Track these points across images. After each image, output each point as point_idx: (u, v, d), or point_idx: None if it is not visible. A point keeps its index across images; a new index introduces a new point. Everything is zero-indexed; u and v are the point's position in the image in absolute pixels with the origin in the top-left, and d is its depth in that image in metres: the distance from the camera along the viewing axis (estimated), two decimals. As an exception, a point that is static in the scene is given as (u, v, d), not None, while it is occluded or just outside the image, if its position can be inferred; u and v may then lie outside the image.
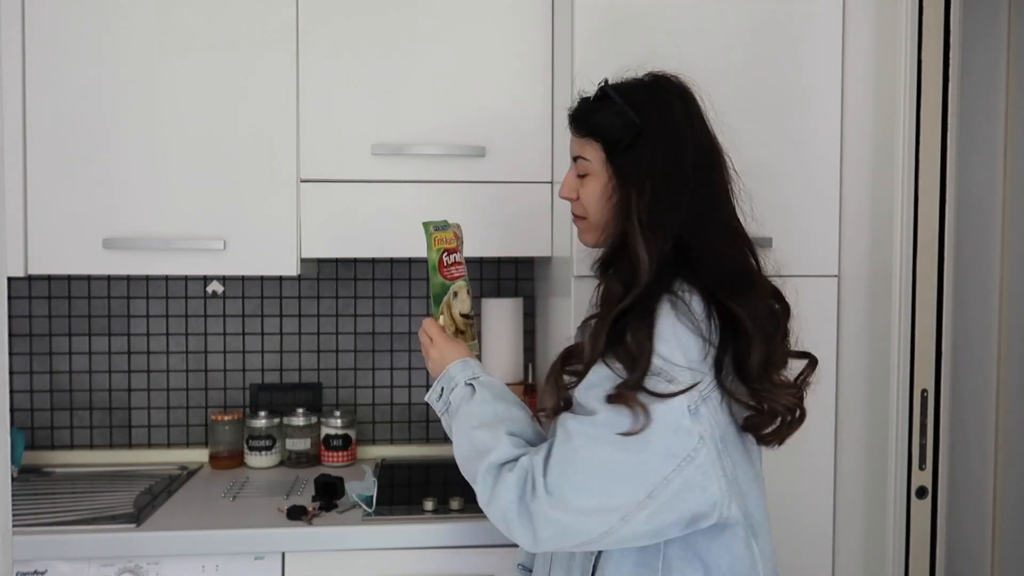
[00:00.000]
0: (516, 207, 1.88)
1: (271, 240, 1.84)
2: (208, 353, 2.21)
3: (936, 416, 1.68)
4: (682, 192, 1.12)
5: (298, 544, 1.66)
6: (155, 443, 2.20)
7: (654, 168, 1.13)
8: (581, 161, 1.21)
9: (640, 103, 1.16)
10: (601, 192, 1.18)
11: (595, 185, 1.19)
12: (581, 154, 1.21)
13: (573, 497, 1.01)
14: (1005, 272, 1.92)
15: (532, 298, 2.25)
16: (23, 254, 1.79)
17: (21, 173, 1.79)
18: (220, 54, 1.82)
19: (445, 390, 1.24)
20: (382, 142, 1.85)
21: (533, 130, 1.87)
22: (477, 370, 1.24)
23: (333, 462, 2.12)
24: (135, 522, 1.67)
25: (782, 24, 1.69)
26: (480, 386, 1.21)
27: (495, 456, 1.08)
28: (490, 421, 1.14)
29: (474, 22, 1.86)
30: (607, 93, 1.19)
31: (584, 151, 1.21)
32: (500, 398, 1.19)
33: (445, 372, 1.25)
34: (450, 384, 1.23)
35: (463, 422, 1.17)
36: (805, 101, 1.69)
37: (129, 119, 1.81)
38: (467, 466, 1.14)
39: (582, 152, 1.21)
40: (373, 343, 2.25)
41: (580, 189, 1.22)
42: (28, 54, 1.79)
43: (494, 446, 1.09)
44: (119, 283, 2.18)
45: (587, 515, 1.01)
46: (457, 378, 1.23)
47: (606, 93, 1.19)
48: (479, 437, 1.13)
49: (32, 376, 2.16)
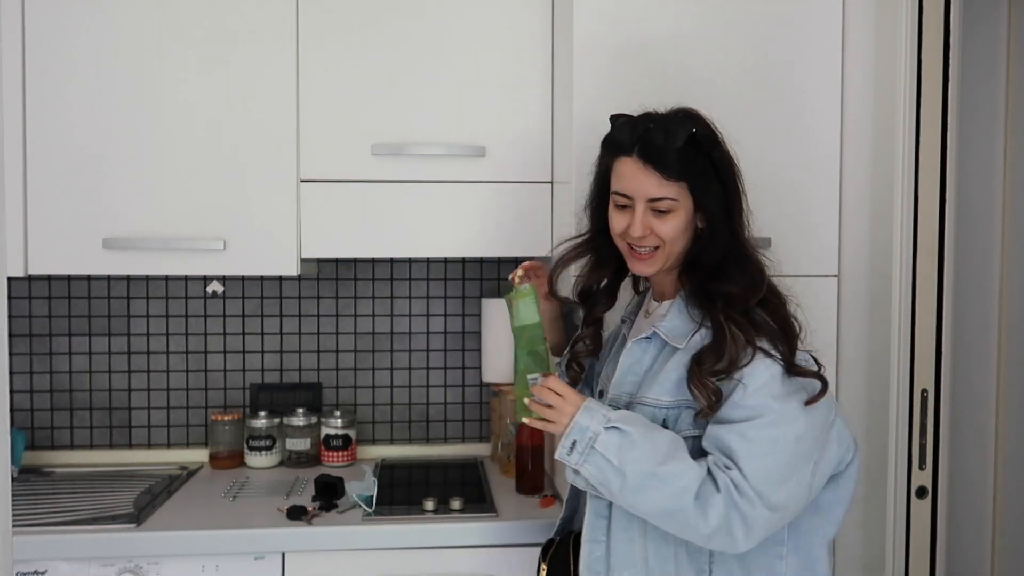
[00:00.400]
0: (516, 207, 1.88)
1: (271, 240, 1.84)
2: (208, 353, 2.20)
3: (936, 416, 1.68)
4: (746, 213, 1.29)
5: (298, 544, 1.66)
6: (155, 443, 2.20)
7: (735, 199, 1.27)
8: (666, 201, 1.24)
9: (712, 144, 1.26)
10: (686, 225, 1.26)
11: (678, 220, 1.25)
12: (665, 195, 1.24)
13: (784, 499, 1.15)
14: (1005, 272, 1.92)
15: (532, 298, 2.25)
16: (23, 254, 1.79)
17: (21, 173, 1.79)
18: (220, 54, 1.82)
19: (579, 443, 1.18)
20: (382, 142, 1.85)
21: (533, 130, 1.87)
22: (601, 409, 1.21)
23: (333, 462, 2.12)
24: (135, 522, 1.67)
25: (782, 24, 1.69)
26: (622, 424, 1.18)
27: (692, 485, 1.14)
28: (665, 451, 1.16)
29: (474, 22, 1.86)
30: (696, 139, 1.24)
31: (669, 191, 1.24)
32: (647, 425, 1.20)
33: (573, 424, 1.19)
34: (585, 436, 1.18)
35: (640, 466, 1.15)
36: (805, 101, 1.69)
37: (129, 119, 1.81)
38: (672, 503, 1.14)
39: (667, 193, 1.24)
40: (373, 343, 2.25)
41: (657, 226, 1.26)
42: (28, 54, 1.79)
43: (685, 472, 1.15)
44: (119, 283, 2.18)
45: (792, 503, 1.17)
46: (591, 427, 1.18)
47: (694, 139, 1.23)
48: (669, 473, 1.14)
49: (32, 376, 2.16)
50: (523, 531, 1.70)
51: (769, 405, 1.16)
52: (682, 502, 1.13)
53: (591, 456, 1.17)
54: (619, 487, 1.16)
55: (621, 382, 1.30)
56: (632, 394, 1.28)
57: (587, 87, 1.66)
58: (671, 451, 1.16)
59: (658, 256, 1.28)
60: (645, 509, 1.17)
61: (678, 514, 1.14)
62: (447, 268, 2.26)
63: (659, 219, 1.25)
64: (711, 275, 1.26)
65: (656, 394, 1.24)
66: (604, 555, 1.26)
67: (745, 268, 1.24)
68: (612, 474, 1.16)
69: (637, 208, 1.26)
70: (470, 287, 2.26)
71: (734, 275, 1.24)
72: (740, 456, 1.14)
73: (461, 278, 2.26)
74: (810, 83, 1.69)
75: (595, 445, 1.17)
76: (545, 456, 1.92)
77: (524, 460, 1.87)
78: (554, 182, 1.87)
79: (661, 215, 1.25)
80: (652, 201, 1.25)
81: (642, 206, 1.25)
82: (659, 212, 1.25)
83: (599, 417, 1.19)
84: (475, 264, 2.26)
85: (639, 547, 1.24)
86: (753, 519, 1.13)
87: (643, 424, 1.20)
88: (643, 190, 1.25)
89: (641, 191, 1.25)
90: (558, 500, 1.82)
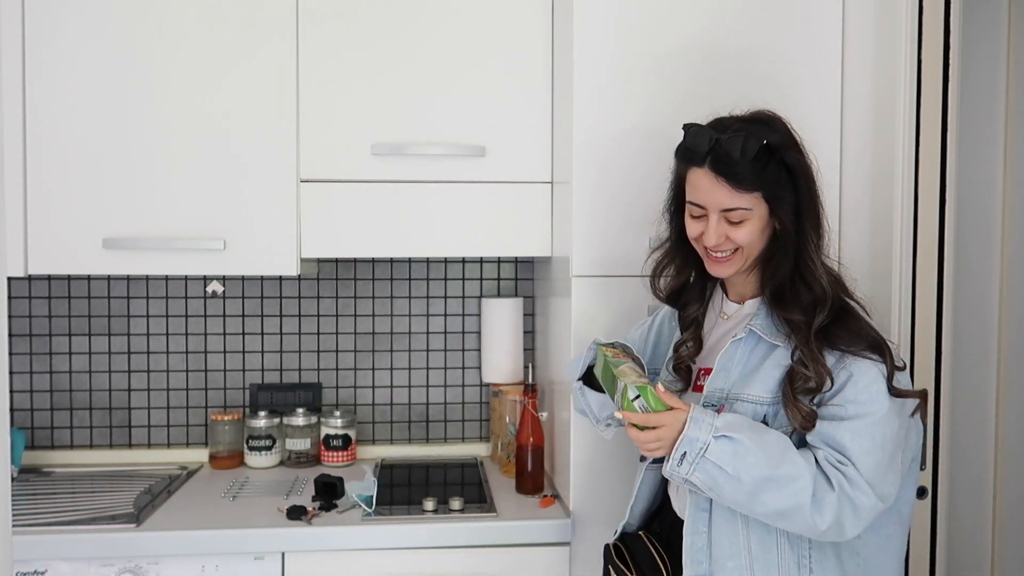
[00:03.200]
0: (516, 207, 1.88)
1: (271, 240, 1.84)
2: (208, 353, 2.20)
3: (936, 416, 1.68)
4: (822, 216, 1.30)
5: (298, 544, 1.66)
6: (155, 443, 2.20)
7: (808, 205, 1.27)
8: (739, 212, 1.26)
9: (789, 148, 1.26)
10: (760, 233, 1.28)
11: (752, 227, 1.27)
12: (739, 205, 1.25)
13: (891, 489, 1.21)
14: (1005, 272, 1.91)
15: (532, 298, 2.25)
16: (23, 254, 1.79)
17: (21, 173, 1.79)
18: (220, 54, 1.82)
19: (689, 454, 1.18)
20: (382, 142, 1.85)
21: (533, 130, 1.87)
22: (707, 417, 1.20)
23: (333, 462, 2.12)
24: (135, 522, 1.67)
25: (782, 24, 1.69)
26: (730, 432, 1.19)
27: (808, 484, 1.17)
28: (779, 453, 1.18)
29: (474, 22, 1.86)
30: (768, 148, 1.24)
31: (743, 202, 1.25)
32: (754, 428, 1.21)
33: (683, 436, 1.19)
34: (694, 447, 1.18)
35: (756, 471, 1.16)
36: (805, 101, 1.68)
37: (129, 119, 1.81)
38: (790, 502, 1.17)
39: (740, 203, 1.25)
40: (373, 343, 2.25)
41: (732, 233, 1.27)
42: (28, 55, 1.79)
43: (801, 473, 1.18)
44: (119, 283, 2.18)
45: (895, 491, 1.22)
46: (700, 437, 1.18)
47: (767, 148, 1.24)
48: (785, 475, 1.17)
49: (32, 376, 2.16)
50: (523, 531, 1.70)
51: (879, 403, 1.20)
52: (799, 500, 1.17)
53: (701, 464, 1.19)
54: (732, 492, 1.19)
55: (718, 379, 1.31)
56: (729, 391, 1.29)
57: (587, 87, 1.66)
58: (783, 452, 1.19)
59: (736, 258, 1.30)
60: (759, 511, 1.20)
61: (795, 513, 1.18)
62: (447, 268, 2.26)
63: (733, 227, 1.27)
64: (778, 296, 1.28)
65: (757, 391, 1.26)
66: (706, 545, 1.28)
67: (810, 285, 1.26)
68: (725, 480, 1.18)
69: (711, 218, 1.28)
70: (470, 287, 2.26)
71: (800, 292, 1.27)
72: (854, 453, 1.18)
73: (461, 278, 2.26)
74: (810, 83, 1.69)
75: (706, 455, 1.18)
76: (545, 456, 1.92)
77: (524, 460, 1.87)
78: (554, 182, 1.87)
79: (735, 224, 1.27)
80: (726, 211, 1.27)
81: (716, 216, 1.27)
82: (735, 222, 1.27)
83: (706, 427, 1.19)
84: (475, 264, 2.26)
85: (742, 537, 1.26)
86: (864, 509, 1.18)
87: (749, 427, 1.21)
88: (716, 201, 1.26)
89: (714, 202, 1.26)
90: (558, 500, 1.83)
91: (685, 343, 1.41)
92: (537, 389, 1.94)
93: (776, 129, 1.27)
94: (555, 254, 1.87)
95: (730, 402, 1.28)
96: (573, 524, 1.70)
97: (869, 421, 1.19)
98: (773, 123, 1.28)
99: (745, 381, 1.28)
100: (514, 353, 2.14)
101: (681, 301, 1.43)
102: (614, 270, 1.67)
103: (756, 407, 1.26)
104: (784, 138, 1.27)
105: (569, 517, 1.71)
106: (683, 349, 1.41)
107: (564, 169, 1.75)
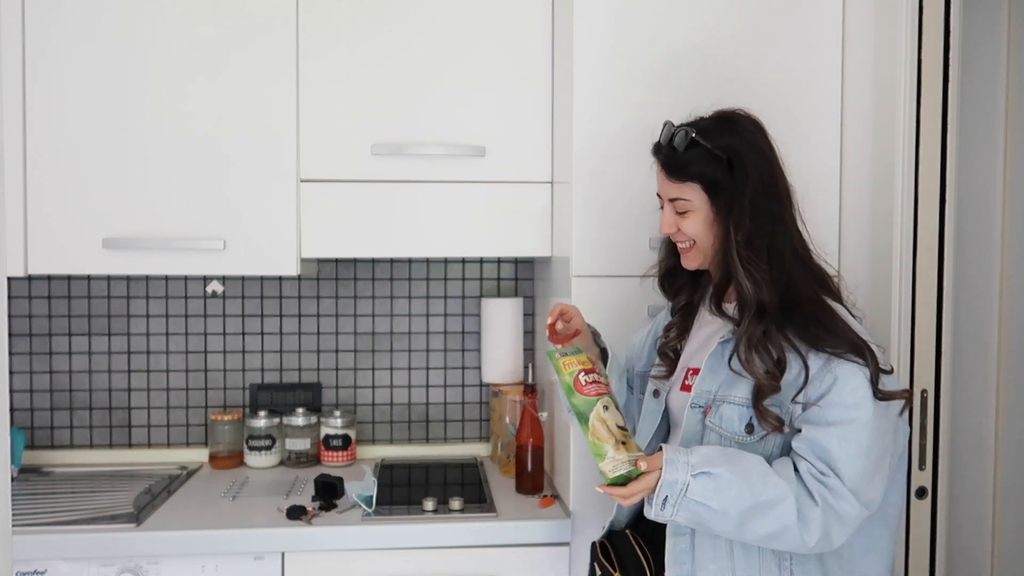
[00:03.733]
0: (516, 207, 1.88)
1: (271, 240, 1.84)
2: (208, 353, 2.20)
3: (936, 416, 1.68)
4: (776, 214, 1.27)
5: (298, 544, 1.66)
6: (155, 443, 2.20)
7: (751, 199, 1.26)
8: (680, 202, 1.32)
9: (729, 142, 1.28)
10: (709, 226, 1.31)
11: (698, 218, 1.31)
12: (679, 196, 1.32)
13: (876, 495, 1.20)
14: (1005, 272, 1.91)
15: (532, 298, 2.25)
16: (23, 254, 1.79)
17: (21, 173, 1.79)
18: (221, 54, 1.82)
19: (671, 497, 1.18)
20: (382, 142, 1.85)
21: (533, 130, 1.87)
22: (681, 456, 1.20)
23: (333, 462, 2.12)
24: (135, 522, 1.67)
25: (782, 24, 1.69)
26: (708, 467, 1.18)
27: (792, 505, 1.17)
28: (759, 481, 1.17)
29: (475, 23, 1.86)
30: (697, 141, 1.29)
31: (682, 193, 1.32)
32: (729, 459, 1.20)
33: (661, 481, 1.18)
34: (675, 489, 1.18)
35: (740, 504, 1.16)
36: (805, 102, 1.69)
37: (128, 119, 1.81)
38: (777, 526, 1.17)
39: (680, 194, 1.32)
40: (373, 343, 2.25)
41: (681, 224, 1.33)
42: (28, 54, 1.79)
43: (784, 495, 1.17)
44: (119, 283, 2.18)
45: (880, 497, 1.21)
46: (679, 479, 1.18)
47: (696, 141, 1.29)
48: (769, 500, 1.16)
49: (32, 376, 2.16)
50: (523, 531, 1.70)
51: (864, 407, 1.18)
52: (786, 522, 1.17)
53: (684, 504, 1.19)
54: (719, 525, 1.19)
55: (706, 381, 1.31)
56: (716, 393, 1.29)
57: (587, 87, 1.66)
58: (763, 477, 1.18)
59: (695, 251, 1.34)
60: (749, 538, 1.20)
61: (783, 534, 1.17)
62: (447, 268, 2.26)
63: (681, 218, 1.33)
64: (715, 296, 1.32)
65: (743, 393, 1.26)
66: (689, 547, 1.28)
67: (740, 284, 1.25)
68: (710, 515, 1.18)
69: (665, 207, 1.36)
70: (470, 287, 2.26)
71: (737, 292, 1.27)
72: (839, 460, 1.17)
73: (461, 278, 2.26)
74: (810, 83, 1.69)
75: (687, 495, 1.18)
76: (545, 456, 1.92)
77: (524, 460, 1.87)
78: (554, 182, 1.87)
79: (682, 215, 1.33)
80: (672, 201, 1.34)
81: (668, 206, 1.35)
82: (680, 212, 1.33)
83: (682, 467, 1.19)
84: (475, 264, 2.26)
85: (724, 540, 1.26)
86: (850, 518, 1.17)
87: (725, 458, 1.20)
88: (664, 191, 1.36)
89: (663, 192, 1.36)
90: (558, 500, 1.82)
91: (673, 326, 1.44)
92: (537, 389, 1.94)
93: (732, 126, 1.30)
94: (555, 254, 1.87)
95: (717, 403, 1.28)
96: (573, 524, 1.70)
97: (855, 427, 1.18)
98: (733, 119, 1.31)
99: (731, 383, 1.28)
100: (514, 353, 2.14)
101: (672, 288, 1.47)
102: (614, 270, 1.67)
103: (742, 409, 1.25)
104: (725, 133, 1.29)
105: (569, 517, 1.71)
106: (672, 332, 1.44)
107: (564, 169, 1.75)
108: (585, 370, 1.31)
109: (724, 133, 1.29)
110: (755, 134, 1.31)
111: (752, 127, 1.31)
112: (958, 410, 1.84)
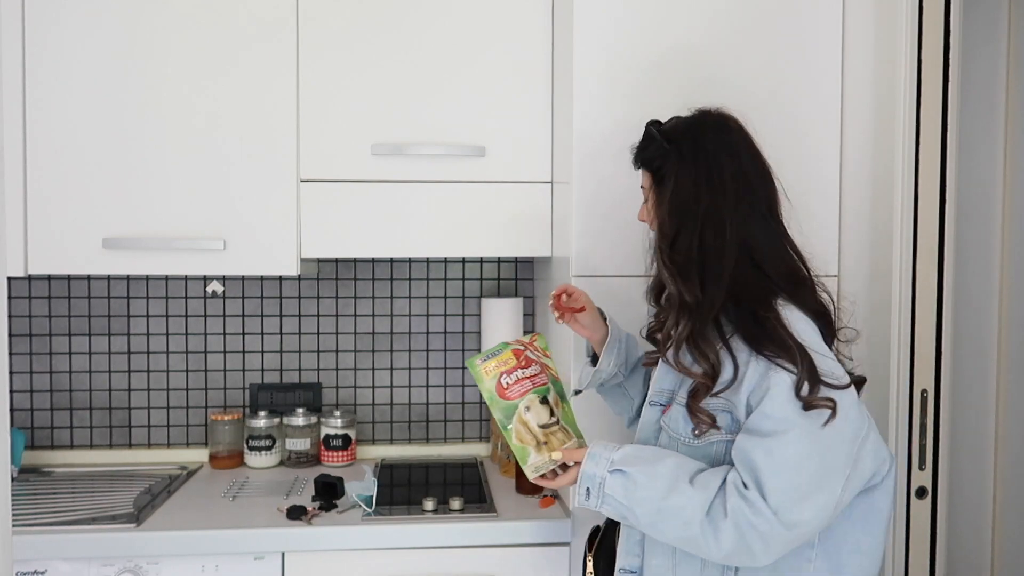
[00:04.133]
0: (516, 207, 1.88)
1: (271, 240, 1.84)
2: (208, 353, 2.21)
3: (936, 416, 1.68)
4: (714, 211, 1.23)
5: (298, 544, 1.66)
6: (155, 443, 2.20)
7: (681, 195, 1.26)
8: (643, 189, 1.38)
9: (677, 136, 1.30)
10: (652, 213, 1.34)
11: (649, 206, 1.35)
12: (643, 183, 1.37)
13: (808, 516, 1.12)
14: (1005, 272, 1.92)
15: (532, 298, 2.25)
16: (23, 254, 1.80)
17: (21, 173, 1.79)
18: (221, 54, 1.82)
19: (592, 489, 1.21)
20: (382, 142, 1.85)
21: (533, 130, 1.87)
22: (605, 452, 1.23)
23: (333, 462, 2.12)
24: (135, 522, 1.67)
25: (782, 24, 1.69)
26: (624, 466, 1.20)
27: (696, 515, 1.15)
28: (666, 485, 1.17)
29: (475, 23, 1.86)
30: (652, 133, 1.33)
31: (644, 181, 1.37)
32: (648, 460, 1.21)
33: (580, 473, 1.23)
34: (595, 482, 1.21)
35: (647, 505, 1.18)
36: (805, 101, 1.69)
37: (128, 119, 1.81)
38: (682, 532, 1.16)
39: (642, 182, 1.38)
40: (373, 343, 2.25)
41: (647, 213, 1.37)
42: (28, 54, 1.79)
43: (687, 504, 1.15)
44: (119, 283, 2.18)
45: (816, 520, 1.13)
46: (597, 473, 1.21)
47: (651, 132, 1.33)
48: (672, 506, 1.16)
49: (32, 376, 2.16)
50: (523, 531, 1.70)
51: (794, 419, 1.13)
52: (690, 531, 1.16)
53: (603, 497, 1.21)
54: (635, 521, 1.21)
55: (661, 380, 1.32)
56: (673, 392, 1.29)
57: (587, 87, 1.66)
58: (672, 483, 1.17)
59: None
60: (663, 538, 1.21)
61: (690, 541, 1.17)
62: (447, 268, 2.26)
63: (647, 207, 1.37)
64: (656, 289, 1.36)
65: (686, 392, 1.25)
66: (640, 540, 1.30)
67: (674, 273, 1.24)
68: (625, 512, 1.20)
69: None
70: (470, 287, 2.26)
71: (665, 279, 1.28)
72: (764, 473, 1.12)
73: (461, 278, 2.26)
74: (810, 83, 1.69)
75: (604, 489, 1.21)
76: (545, 456, 1.92)
77: (524, 460, 1.87)
78: (554, 182, 1.87)
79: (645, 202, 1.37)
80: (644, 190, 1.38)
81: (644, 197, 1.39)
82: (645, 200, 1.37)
83: (603, 462, 1.22)
84: (475, 264, 2.26)
85: None
86: (771, 537, 1.12)
87: (645, 460, 1.21)
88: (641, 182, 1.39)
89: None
90: (557, 500, 1.82)
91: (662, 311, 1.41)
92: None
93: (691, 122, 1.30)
94: (555, 254, 1.87)
95: (674, 403, 1.27)
96: (573, 524, 1.70)
97: (782, 440, 1.12)
98: (698, 117, 1.32)
99: (684, 383, 1.26)
100: (514, 353, 2.14)
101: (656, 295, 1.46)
102: (614, 270, 1.67)
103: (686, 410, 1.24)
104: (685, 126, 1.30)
105: (569, 517, 1.71)
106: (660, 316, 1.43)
107: (564, 169, 1.75)
108: (506, 371, 1.30)
109: (680, 128, 1.30)
110: (714, 131, 1.28)
111: (714, 124, 1.29)
112: (958, 410, 1.84)
